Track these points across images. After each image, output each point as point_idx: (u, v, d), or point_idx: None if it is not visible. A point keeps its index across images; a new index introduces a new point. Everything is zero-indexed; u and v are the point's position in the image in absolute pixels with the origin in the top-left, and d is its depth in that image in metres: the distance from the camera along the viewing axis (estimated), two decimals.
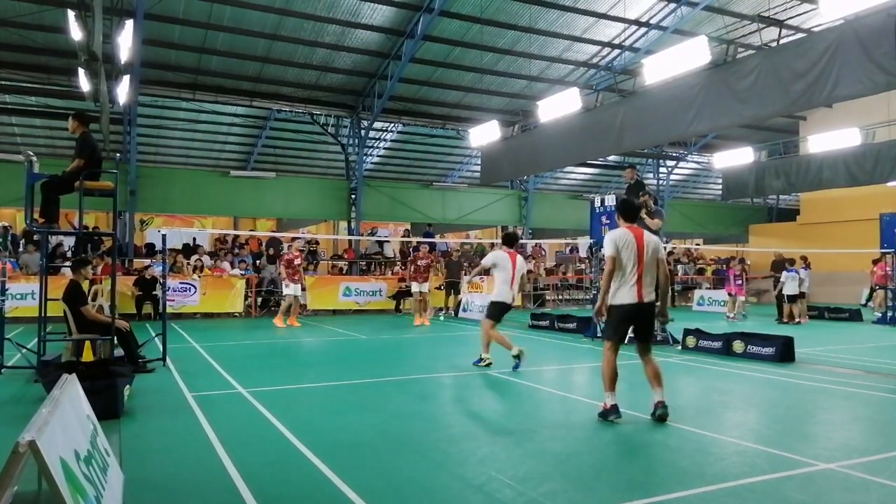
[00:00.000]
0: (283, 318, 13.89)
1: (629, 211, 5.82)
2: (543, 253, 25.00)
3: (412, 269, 15.55)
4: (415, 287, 15.23)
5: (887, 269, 16.25)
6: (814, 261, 19.60)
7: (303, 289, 14.95)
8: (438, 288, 17.82)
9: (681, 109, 12.68)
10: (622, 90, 16.25)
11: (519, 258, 8.46)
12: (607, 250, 5.55)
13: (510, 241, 8.76)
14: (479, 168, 22.37)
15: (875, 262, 17.23)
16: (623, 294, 5.50)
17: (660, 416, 5.44)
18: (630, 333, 5.85)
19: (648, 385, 5.70)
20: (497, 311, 8.35)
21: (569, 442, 4.89)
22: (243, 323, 15.34)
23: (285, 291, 13.91)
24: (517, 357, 8.11)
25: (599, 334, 11.58)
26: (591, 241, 12.47)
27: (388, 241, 24.69)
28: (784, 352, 8.92)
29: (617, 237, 5.55)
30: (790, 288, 15.41)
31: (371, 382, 7.43)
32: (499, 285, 8.35)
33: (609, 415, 5.48)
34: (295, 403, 6.27)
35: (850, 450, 4.63)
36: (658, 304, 5.64)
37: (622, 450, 4.63)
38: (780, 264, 17.02)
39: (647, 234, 5.70)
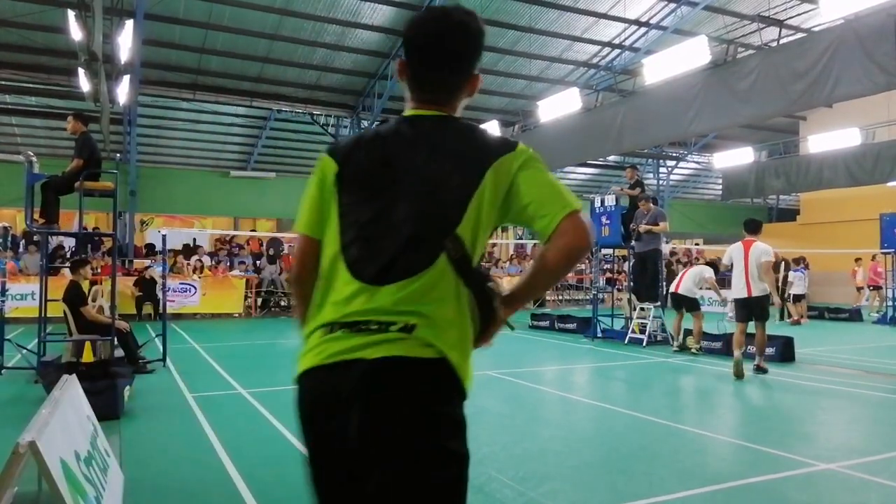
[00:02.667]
0: None
1: (749, 226, 7.99)
2: None
3: None
4: None
5: (878, 269, 16.30)
6: (813, 261, 19.60)
7: None
8: None
9: (681, 109, 12.68)
10: (622, 90, 16.25)
11: (754, 246, 7.82)
12: (724, 260, 8.15)
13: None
14: None
15: (857, 260, 17.35)
16: (737, 290, 7.79)
17: (756, 373, 7.65)
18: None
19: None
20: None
21: (569, 442, 4.89)
22: (243, 323, 15.34)
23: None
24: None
25: (599, 335, 11.60)
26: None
27: None
28: (784, 352, 8.91)
29: (730, 250, 7.96)
30: (799, 287, 15.39)
31: None
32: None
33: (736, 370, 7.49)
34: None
35: (850, 450, 4.63)
36: (762, 296, 7.66)
37: (622, 450, 4.62)
38: (780, 265, 17.01)
39: (755, 245, 7.69)
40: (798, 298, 15.52)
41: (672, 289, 10.25)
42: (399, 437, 1.31)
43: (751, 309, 7.73)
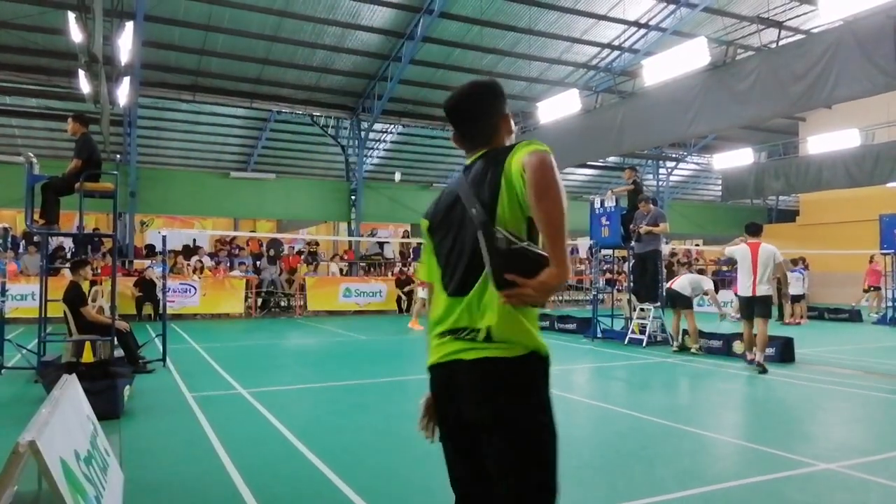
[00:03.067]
0: (417, 320, 13.69)
1: (751, 229, 8.41)
2: None
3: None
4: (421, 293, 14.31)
5: (877, 267, 16.27)
6: (813, 262, 19.61)
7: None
8: None
9: (680, 111, 12.69)
10: (622, 91, 16.26)
11: (762, 248, 8.12)
12: (726, 251, 8.85)
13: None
14: None
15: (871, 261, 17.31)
16: (744, 289, 8.25)
17: (756, 371, 7.97)
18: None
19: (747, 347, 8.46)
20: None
21: (569, 442, 4.88)
22: (243, 324, 15.34)
23: (420, 294, 13.82)
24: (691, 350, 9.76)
25: (599, 335, 11.60)
26: (591, 241, 12.48)
27: (388, 243, 24.69)
28: (784, 352, 8.92)
29: (735, 249, 8.40)
30: (795, 288, 15.39)
31: (371, 383, 7.43)
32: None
33: (751, 364, 8.23)
34: (295, 403, 6.28)
35: (850, 450, 4.63)
36: (771, 294, 8.28)
37: (622, 450, 4.63)
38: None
39: (762, 247, 8.11)
40: (796, 299, 15.50)
41: (667, 284, 10.45)
42: (497, 414, 1.77)
43: (754, 306, 8.22)
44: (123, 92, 14.81)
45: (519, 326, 1.79)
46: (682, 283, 10.12)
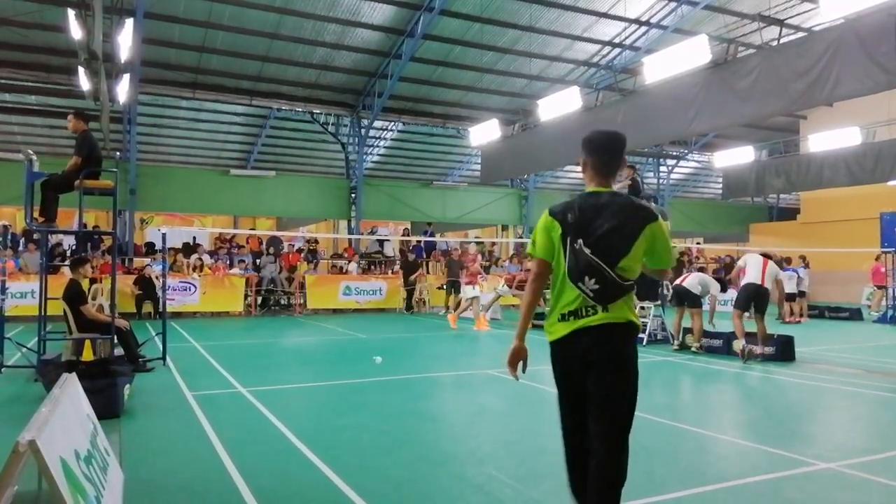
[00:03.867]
0: (484, 319, 13.49)
1: (765, 255, 9.50)
2: None
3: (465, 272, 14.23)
4: (470, 292, 13.75)
5: (882, 268, 16.24)
6: (814, 260, 19.59)
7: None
8: (440, 287, 17.84)
9: (681, 108, 12.66)
10: (622, 89, 16.23)
11: (770, 264, 9.35)
12: (739, 262, 9.79)
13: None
14: (479, 167, 22.33)
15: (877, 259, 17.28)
16: (752, 277, 9.03)
17: (747, 360, 8.70)
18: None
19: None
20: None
21: None
22: (243, 322, 15.34)
23: (469, 294, 13.63)
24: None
25: None
26: None
27: (388, 240, 24.67)
28: (784, 351, 8.91)
29: (749, 257, 9.57)
30: (788, 287, 15.40)
31: (371, 382, 7.42)
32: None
33: (743, 353, 8.77)
34: (295, 403, 6.27)
35: (850, 450, 4.63)
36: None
37: None
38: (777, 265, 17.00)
39: (770, 263, 9.24)
40: (790, 297, 15.50)
41: (676, 282, 10.44)
42: (616, 359, 2.71)
43: (756, 298, 8.98)
44: (123, 89, 14.79)
45: (625, 308, 2.73)
46: (691, 281, 10.14)
